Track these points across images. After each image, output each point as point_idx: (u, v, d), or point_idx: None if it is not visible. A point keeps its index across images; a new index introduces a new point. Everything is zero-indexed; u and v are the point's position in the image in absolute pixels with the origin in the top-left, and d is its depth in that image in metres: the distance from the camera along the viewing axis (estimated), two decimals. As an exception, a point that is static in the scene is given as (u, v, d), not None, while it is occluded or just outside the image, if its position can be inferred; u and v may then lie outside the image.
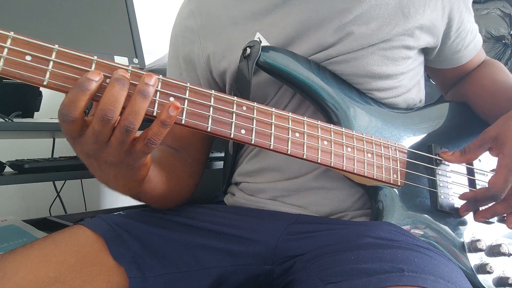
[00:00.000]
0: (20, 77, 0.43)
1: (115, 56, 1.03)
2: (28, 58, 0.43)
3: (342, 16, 0.64)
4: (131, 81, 0.46)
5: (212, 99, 0.52)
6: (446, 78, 0.85)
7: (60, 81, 0.45)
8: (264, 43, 0.67)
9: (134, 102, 0.45)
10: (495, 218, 0.70)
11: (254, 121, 0.54)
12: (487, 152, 0.69)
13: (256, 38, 0.67)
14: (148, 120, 0.48)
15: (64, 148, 1.28)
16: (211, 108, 0.52)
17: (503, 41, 1.63)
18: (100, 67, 0.46)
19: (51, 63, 0.44)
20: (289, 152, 0.56)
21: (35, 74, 0.44)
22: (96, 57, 0.46)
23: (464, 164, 0.72)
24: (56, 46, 0.45)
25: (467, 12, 0.74)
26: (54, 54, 0.45)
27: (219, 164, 1.10)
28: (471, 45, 0.78)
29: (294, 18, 0.66)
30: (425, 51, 0.75)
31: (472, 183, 0.72)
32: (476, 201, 0.67)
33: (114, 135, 0.46)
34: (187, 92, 0.51)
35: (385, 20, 0.65)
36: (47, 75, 0.44)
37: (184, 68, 0.75)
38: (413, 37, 0.67)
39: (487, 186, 0.65)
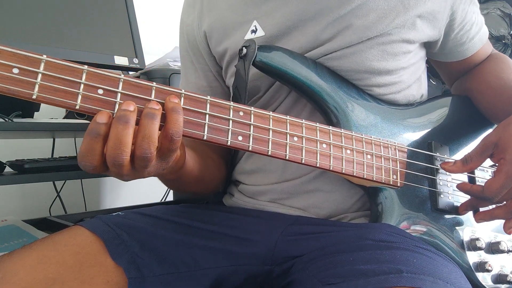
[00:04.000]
0: (7, 91, 0.41)
1: (115, 56, 1.03)
2: (15, 71, 0.42)
3: (340, 7, 0.64)
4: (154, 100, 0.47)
5: (208, 105, 0.51)
6: (452, 71, 0.83)
7: (49, 94, 0.43)
8: (260, 32, 0.67)
9: (144, 127, 0.45)
10: None
11: (251, 127, 0.54)
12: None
13: (252, 26, 0.68)
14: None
15: (64, 148, 1.28)
16: (207, 116, 0.51)
17: (503, 41, 1.62)
18: (90, 76, 0.45)
19: (40, 75, 0.43)
20: (287, 158, 0.55)
21: (23, 88, 0.42)
22: (86, 66, 0.45)
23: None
24: (44, 56, 0.43)
25: (471, 3, 0.72)
26: (42, 65, 0.43)
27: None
28: (476, 37, 0.76)
29: (291, 8, 0.66)
30: (427, 44, 0.73)
31: (472, 180, 0.72)
32: (471, 196, 0.67)
33: (135, 163, 0.46)
34: (182, 99, 0.50)
35: (385, 12, 0.64)
36: (36, 89, 0.43)
37: (193, 56, 0.78)
38: (413, 29, 0.66)
39: (483, 185, 0.64)
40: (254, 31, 0.68)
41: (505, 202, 0.65)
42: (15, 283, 0.50)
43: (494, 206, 0.67)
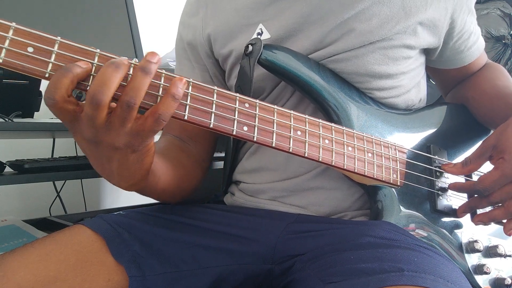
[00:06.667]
0: (21, 68, 0.42)
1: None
2: (30, 49, 0.43)
3: (344, 11, 0.64)
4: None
5: (215, 95, 0.52)
6: (447, 78, 0.85)
7: None
8: (265, 35, 0.68)
9: (135, 78, 0.45)
10: None
11: (257, 118, 0.55)
12: None
13: (258, 29, 0.68)
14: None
15: (64, 148, 1.28)
16: (214, 105, 0.52)
17: (503, 41, 1.63)
18: (103, 60, 0.46)
19: (54, 55, 0.44)
20: (290, 150, 0.56)
21: (37, 66, 0.43)
22: (99, 50, 0.46)
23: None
24: (59, 38, 0.44)
25: (470, 13, 0.74)
26: (56, 45, 0.44)
27: (219, 164, 1.10)
28: (474, 46, 0.78)
29: (296, 11, 0.66)
30: (426, 51, 0.75)
31: None
32: (464, 193, 0.69)
33: (115, 112, 0.45)
34: (190, 87, 0.51)
35: (387, 17, 0.65)
36: (49, 67, 0.43)
37: (191, 55, 0.78)
38: (414, 36, 0.67)
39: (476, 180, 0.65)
40: (260, 34, 0.68)
41: (502, 203, 0.65)
42: (16, 281, 0.50)
43: (492, 208, 0.67)
